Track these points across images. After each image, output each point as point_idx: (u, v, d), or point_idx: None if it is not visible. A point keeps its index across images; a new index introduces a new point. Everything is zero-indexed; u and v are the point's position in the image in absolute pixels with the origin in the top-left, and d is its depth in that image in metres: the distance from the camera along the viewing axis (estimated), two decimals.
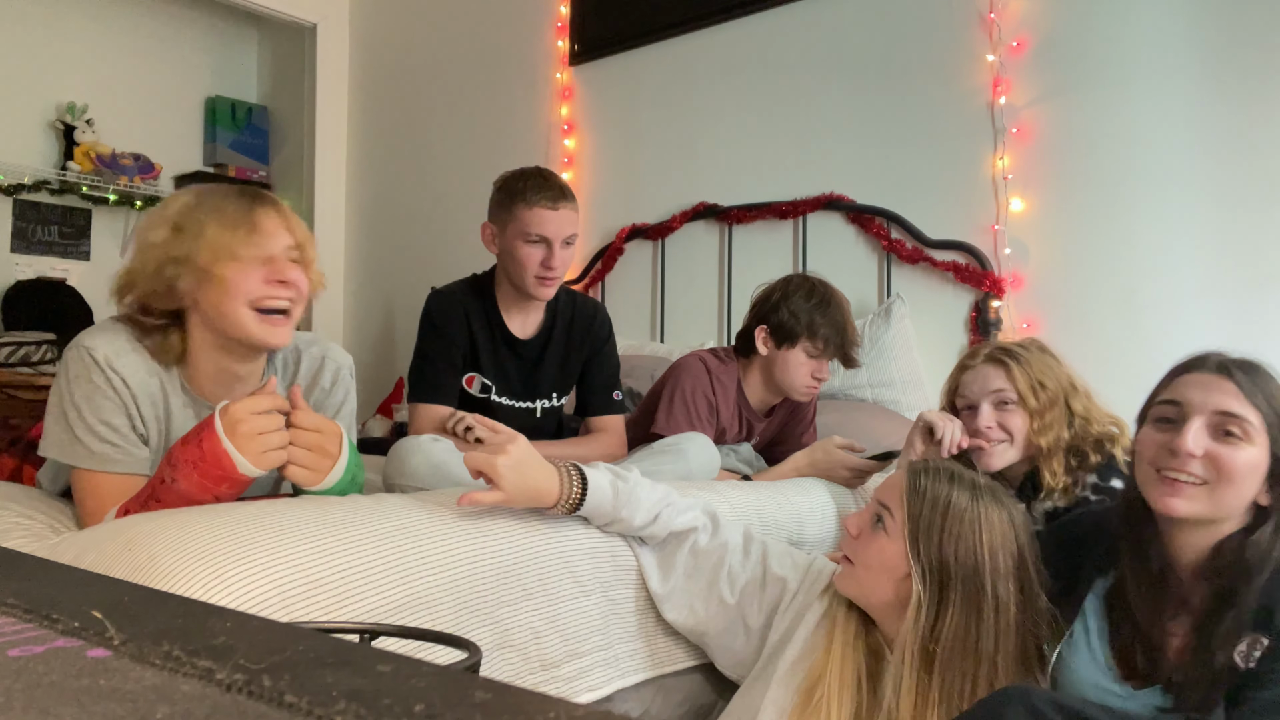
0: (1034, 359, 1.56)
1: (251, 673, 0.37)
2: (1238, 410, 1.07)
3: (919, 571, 1.13)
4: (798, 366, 2.01)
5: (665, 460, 1.84)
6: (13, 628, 0.45)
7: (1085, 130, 2.36)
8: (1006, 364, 1.55)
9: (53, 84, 3.87)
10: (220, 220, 1.27)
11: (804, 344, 2.00)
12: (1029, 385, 1.53)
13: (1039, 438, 1.52)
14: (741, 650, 1.36)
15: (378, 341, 4.17)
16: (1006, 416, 1.55)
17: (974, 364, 1.61)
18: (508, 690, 0.35)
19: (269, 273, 1.29)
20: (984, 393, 1.57)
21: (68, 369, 1.29)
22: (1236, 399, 1.07)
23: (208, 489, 1.17)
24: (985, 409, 1.56)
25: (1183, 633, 1.10)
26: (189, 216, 1.28)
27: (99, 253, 4.01)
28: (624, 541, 1.41)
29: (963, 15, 2.56)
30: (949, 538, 1.13)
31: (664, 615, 1.39)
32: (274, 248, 1.30)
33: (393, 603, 1.10)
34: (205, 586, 0.95)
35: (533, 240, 1.91)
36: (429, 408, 1.96)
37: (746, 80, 3.00)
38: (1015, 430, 1.55)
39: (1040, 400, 1.53)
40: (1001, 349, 1.59)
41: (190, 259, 1.26)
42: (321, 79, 4.25)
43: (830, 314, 1.99)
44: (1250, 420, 1.06)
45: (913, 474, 1.20)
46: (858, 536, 1.22)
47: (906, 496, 1.18)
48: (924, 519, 1.15)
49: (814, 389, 2.07)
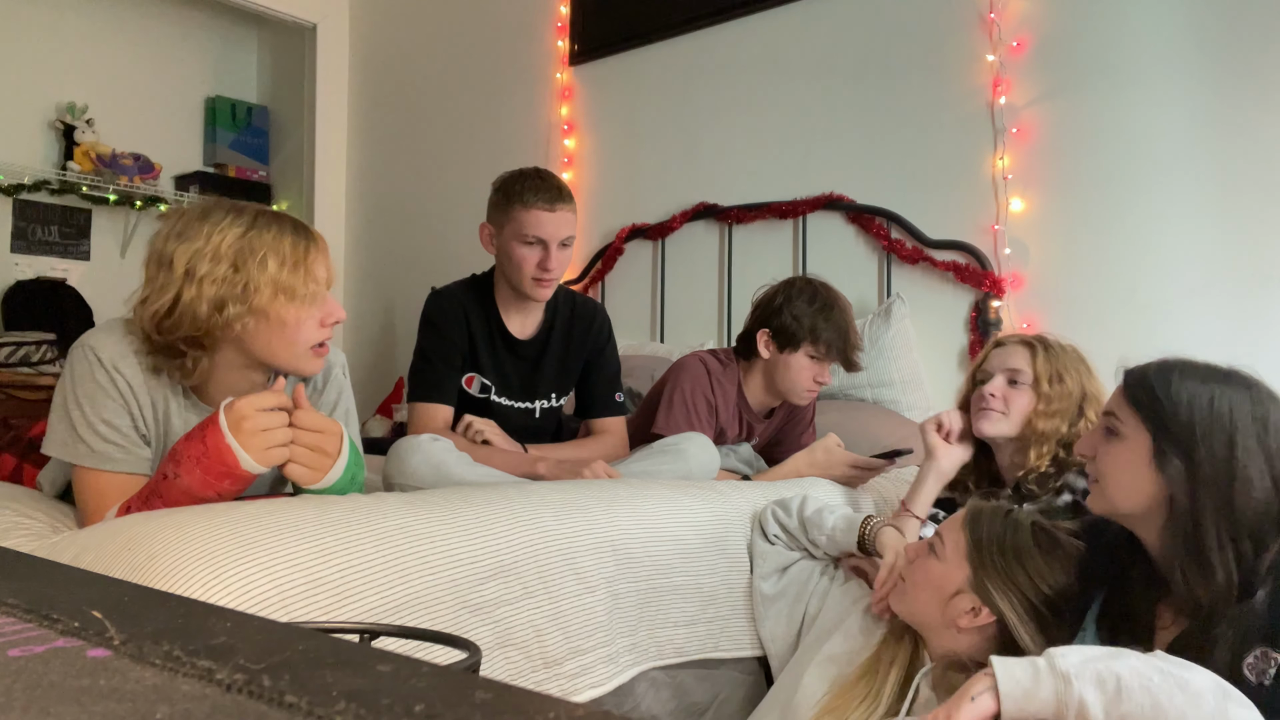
0: (1064, 355, 1.60)
1: (251, 673, 0.37)
2: (1113, 408, 1.16)
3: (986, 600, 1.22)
4: (799, 370, 2.01)
5: (665, 460, 1.84)
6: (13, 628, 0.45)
7: (1085, 130, 2.36)
8: (1035, 347, 1.60)
9: (53, 84, 3.87)
10: (279, 259, 1.27)
11: (806, 348, 1.99)
12: (1048, 373, 1.57)
13: (1039, 420, 1.55)
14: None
15: (378, 341, 4.17)
16: (1013, 392, 1.59)
17: (1008, 342, 1.65)
18: (508, 690, 0.35)
19: (325, 314, 1.32)
20: (1001, 367, 1.62)
21: (72, 368, 1.29)
22: (1116, 399, 1.17)
23: (210, 485, 1.17)
24: (998, 379, 1.61)
25: (1170, 628, 1.10)
26: (248, 253, 1.26)
27: (99, 253, 4.01)
28: (634, 538, 1.42)
29: (963, 15, 2.56)
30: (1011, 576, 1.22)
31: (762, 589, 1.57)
32: (324, 286, 1.33)
33: (392, 602, 1.10)
34: (204, 586, 0.95)
35: (529, 241, 1.91)
36: (429, 407, 1.96)
37: (746, 80, 3.00)
38: (1016, 408, 1.58)
39: (1053, 389, 1.56)
40: (1038, 336, 1.64)
41: (251, 297, 1.25)
42: (321, 79, 4.25)
43: (833, 318, 1.99)
44: (1120, 417, 1.14)
45: (972, 514, 1.29)
46: (912, 560, 1.32)
47: (968, 531, 1.27)
48: (988, 558, 1.23)
49: (814, 392, 2.07)
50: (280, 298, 1.27)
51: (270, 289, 1.26)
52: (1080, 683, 0.89)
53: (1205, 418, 1.07)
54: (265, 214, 1.32)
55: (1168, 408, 1.09)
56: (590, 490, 1.50)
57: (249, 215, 1.30)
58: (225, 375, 1.34)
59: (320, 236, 1.36)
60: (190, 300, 1.24)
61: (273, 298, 1.26)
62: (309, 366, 1.34)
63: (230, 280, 1.24)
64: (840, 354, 2.00)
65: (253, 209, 1.32)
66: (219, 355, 1.31)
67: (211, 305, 1.24)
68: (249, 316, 1.26)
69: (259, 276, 1.25)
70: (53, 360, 3.30)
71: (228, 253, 1.25)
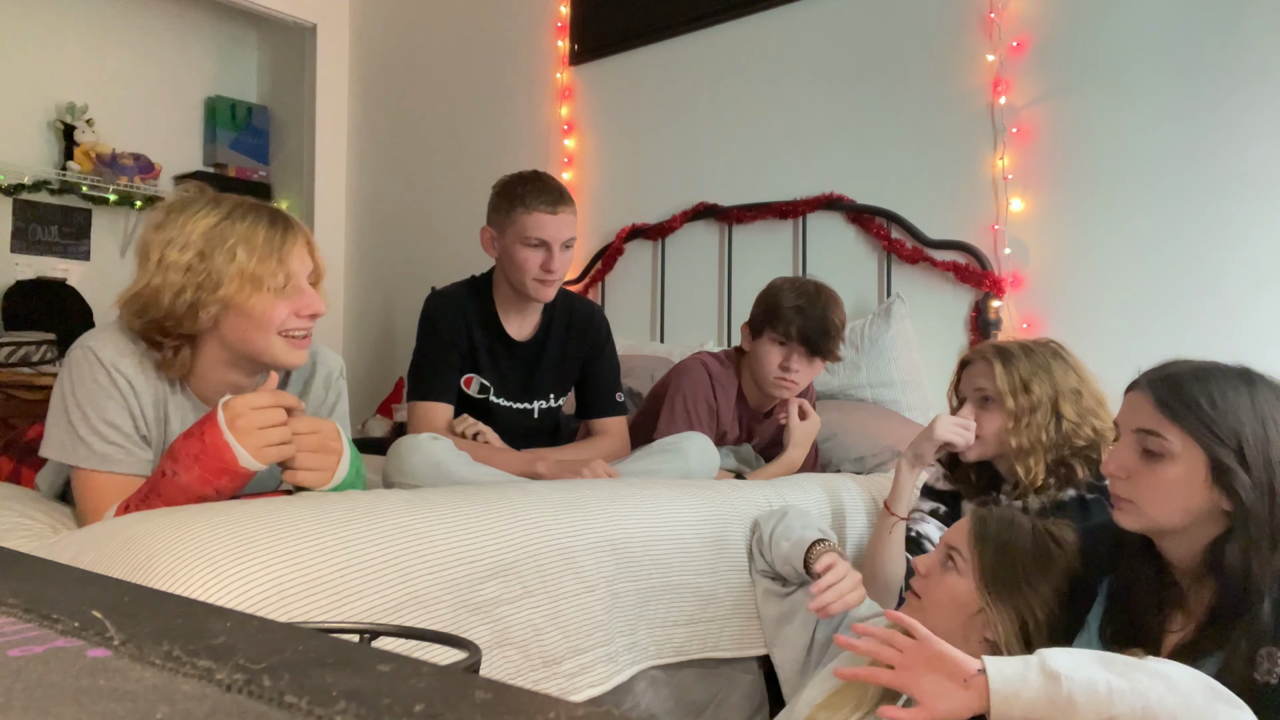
0: (1026, 362, 1.55)
1: (251, 673, 0.37)
2: (1153, 427, 1.08)
3: (994, 613, 1.21)
4: (766, 354, 2.00)
5: (665, 459, 1.84)
6: (13, 628, 0.45)
7: (1085, 130, 2.36)
8: (993, 363, 1.56)
9: (53, 84, 3.87)
10: (250, 249, 1.26)
11: (769, 332, 1.99)
12: (1011, 387, 1.53)
13: (1012, 437, 1.53)
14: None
15: (378, 341, 4.17)
16: (984, 415, 1.57)
17: (972, 360, 1.63)
18: (508, 690, 0.35)
19: (298, 304, 1.31)
20: (970, 388, 1.61)
21: (71, 369, 1.29)
22: (1152, 416, 1.08)
23: (208, 482, 1.17)
24: (966, 406, 1.61)
25: (1180, 632, 1.10)
26: (217, 242, 1.26)
27: (99, 253, 4.01)
28: (633, 538, 1.42)
29: (963, 15, 2.56)
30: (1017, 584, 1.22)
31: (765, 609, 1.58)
32: (300, 276, 1.32)
33: (392, 601, 1.10)
34: (204, 585, 0.95)
35: (532, 244, 1.92)
36: (428, 406, 1.96)
37: (746, 80, 3.00)
38: (987, 430, 1.57)
39: (1019, 403, 1.52)
40: (996, 348, 1.60)
41: (217, 287, 1.25)
42: (321, 79, 4.24)
43: (796, 298, 1.96)
44: (1166, 437, 1.07)
45: (978, 520, 1.28)
46: (926, 576, 1.29)
47: (974, 540, 1.26)
48: (992, 566, 1.22)
49: (785, 381, 1.99)
50: (248, 288, 1.26)
51: (238, 279, 1.25)
52: (1071, 684, 0.90)
53: (1252, 422, 1.04)
54: (244, 204, 1.32)
55: (1220, 421, 1.04)
56: (590, 489, 1.50)
57: (226, 205, 1.30)
58: (214, 370, 1.34)
59: (303, 228, 1.35)
60: (157, 288, 1.25)
61: (239, 288, 1.26)
62: (286, 358, 1.33)
63: (194, 269, 1.25)
64: (800, 335, 1.95)
65: (233, 199, 1.32)
66: (203, 348, 1.31)
67: (175, 293, 1.24)
68: (215, 305, 1.26)
69: (226, 266, 1.25)
70: (53, 360, 3.30)
71: (196, 241, 1.26)
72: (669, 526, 1.50)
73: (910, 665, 1.00)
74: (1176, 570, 1.12)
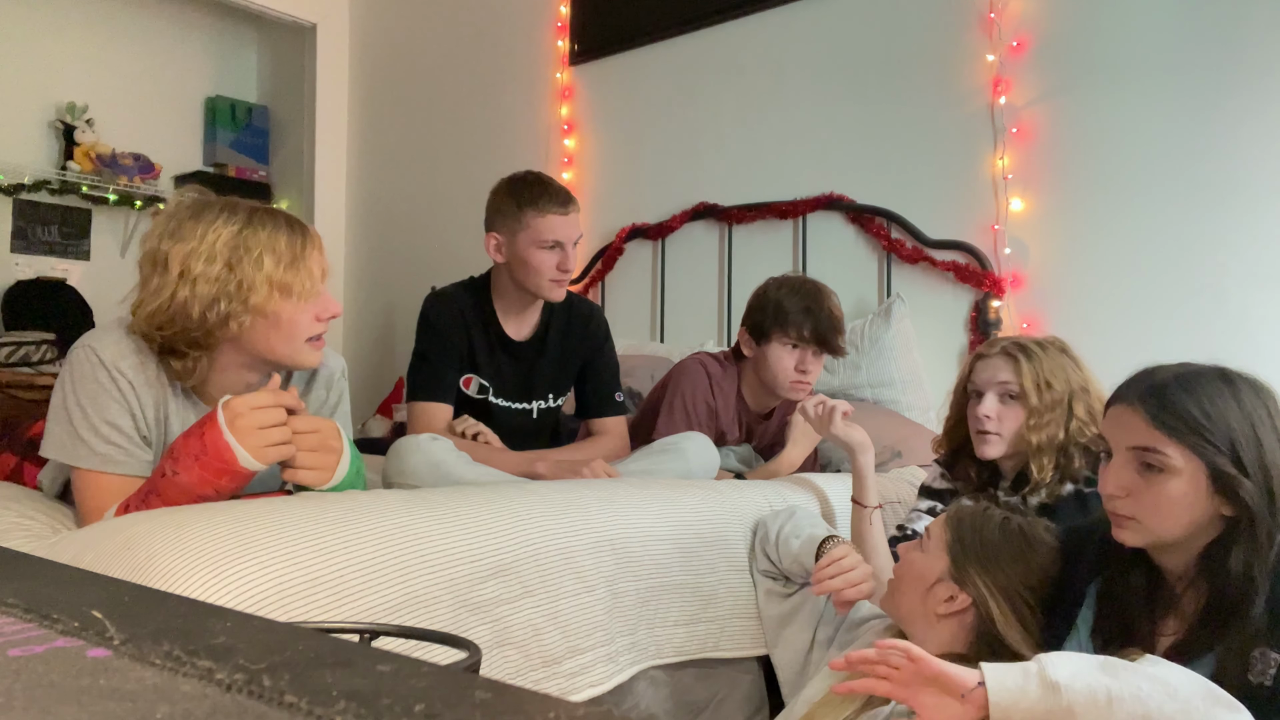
0: (1047, 358, 1.56)
1: (251, 673, 0.37)
2: (1151, 444, 1.05)
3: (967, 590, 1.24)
4: (778, 360, 2.00)
5: (665, 459, 1.84)
6: (13, 628, 0.45)
7: (1085, 130, 2.36)
8: (1017, 359, 1.56)
9: (53, 84, 3.87)
10: (275, 257, 1.27)
11: (778, 335, 1.99)
12: (1034, 383, 1.53)
13: (1031, 434, 1.52)
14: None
15: (378, 341, 4.17)
16: (1006, 410, 1.56)
17: (989, 354, 1.62)
18: (508, 690, 0.35)
19: (319, 308, 1.33)
20: (991, 382, 1.58)
21: (72, 369, 1.29)
22: (1148, 433, 1.06)
23: (208, 481, 1.17)
24: (989, 398, 1.57)
25: (1173, 635, 1.10)
26: (242, 251, 1.26)
27: (99, 253, 4.01)
28: (633, 537, 1.42)
29: (963, 15, 2.56)
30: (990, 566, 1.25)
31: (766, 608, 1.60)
32: (320, 282, 1.33)
33: (391, 601, 1.10)
34: (204, 585, 0.95)
35: (548, 246, 1.93)
36: (428, 406, 1.96)
37: (746, 80, 3.00)
38: (1008, 427, 1.55)
39: (1043, 400, 1.52)
40: (1017, 344, 1.59)
41: (248, 296, 1.25)
42: (321, 79, 4.24)
43: (800, 302, 1.97)
44: (1166, 453, 1.04)
45: (955, 507, 1.33)
46: (902, 558, 1.35)
47: (949, 528, 1.30)
48: (968, 549, 1.26)
49: (801, 383, 2.01)
50: (277, 295, 1.27)
51: (266, 287, 1.26)
52: (1071, 694, 0.90)
53: (1242, 425, 1.03)
54: (260, 211, 1.32)
55: (1214, 430, 1.03)
56: (589, 489, 1.50)
57: (243, 213, 1.30)
58: (224, 374, 1.34)
59: (315, 232, 1.36)
60: (185, 300, 1.24)
61: (269, 295, 1.26)
62: (308, 360, 1.35)
63: (224, 279, 1.25)
64: (814, 335, 1.96)
65: (247, 206, 1.32)
66: (218, 354, 1.31)
67: (206, 305, 1.24)
68: (246, 315, 1.26)
69: (255, 275, 1.25)
70: (53, 360, 3.30)
71: (222, 251, 1.25)
72: (669, 526, 1.50)
73: (907, 683, 1.00)
74: (1169, 574, 1.12)
